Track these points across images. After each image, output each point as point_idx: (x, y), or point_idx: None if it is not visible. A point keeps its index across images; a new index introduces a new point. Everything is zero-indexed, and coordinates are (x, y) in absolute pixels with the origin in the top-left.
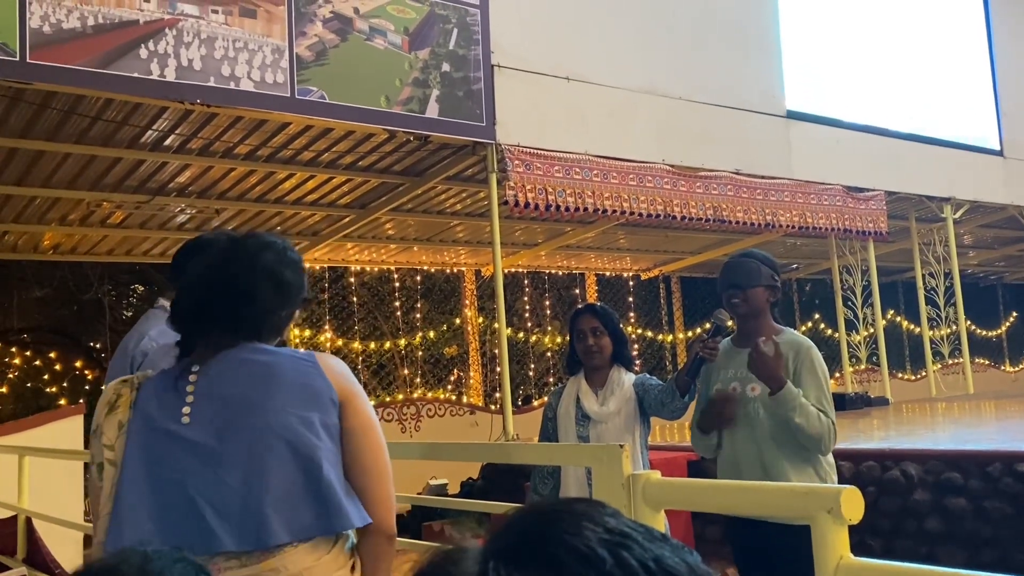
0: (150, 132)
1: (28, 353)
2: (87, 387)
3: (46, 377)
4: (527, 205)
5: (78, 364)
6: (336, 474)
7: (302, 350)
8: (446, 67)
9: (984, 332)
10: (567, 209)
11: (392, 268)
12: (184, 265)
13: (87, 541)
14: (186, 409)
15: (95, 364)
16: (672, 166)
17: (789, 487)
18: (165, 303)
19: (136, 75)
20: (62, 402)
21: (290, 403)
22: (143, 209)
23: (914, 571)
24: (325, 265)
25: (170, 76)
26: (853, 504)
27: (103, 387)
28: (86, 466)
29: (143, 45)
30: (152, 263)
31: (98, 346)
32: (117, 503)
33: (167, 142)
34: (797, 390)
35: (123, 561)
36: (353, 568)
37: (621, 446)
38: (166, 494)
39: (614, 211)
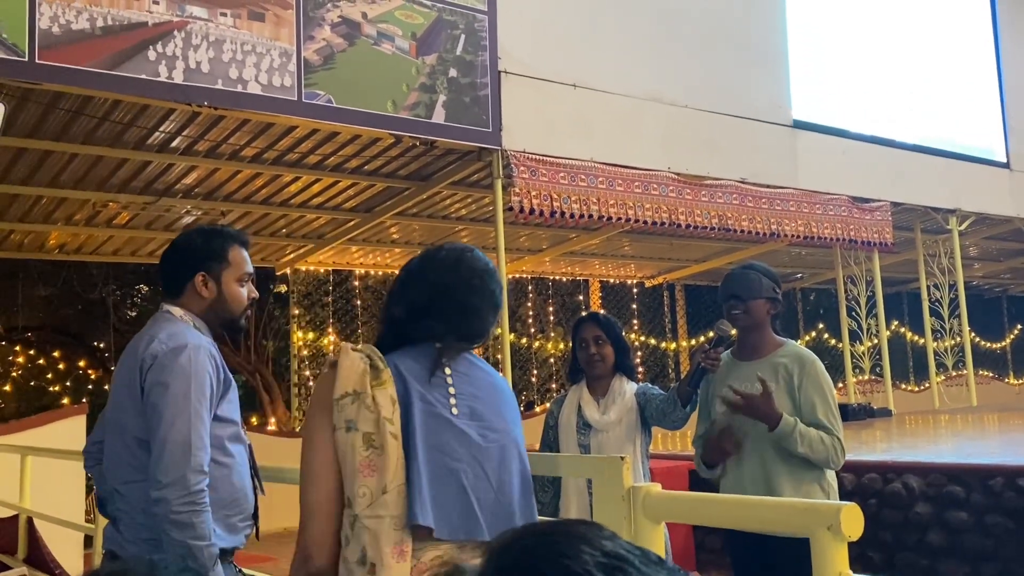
0: (157, 133)
1: (32, 352)
2: (90, 387)
3: (49, 376)
4: (532, 211)
5: (81, 364)
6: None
7: None
8: (453, 72)
9: (988, 344)
10: (572, 216)
11: (397, 272)
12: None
13: (87, 541)
14: (453, 400)
15: (98, 364)
16: (678, 174)
17: (789, 503)
18: (171, 308)
19: (144, 77)
20: (65, 401)
21: (515, 417)
22: (149, 210)
23: None
24: (330, 268)
25: (178, 78)
26: (853, 521)
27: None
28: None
29: (152, 47)
30: (157, 264)
31: (102, 346)
32: (412, 483)
33: (174, 144)
34: (794, 420)
35: (131, 568)
36: None
37: (622, 458)
38: (444, 478)
39: (619, 218)
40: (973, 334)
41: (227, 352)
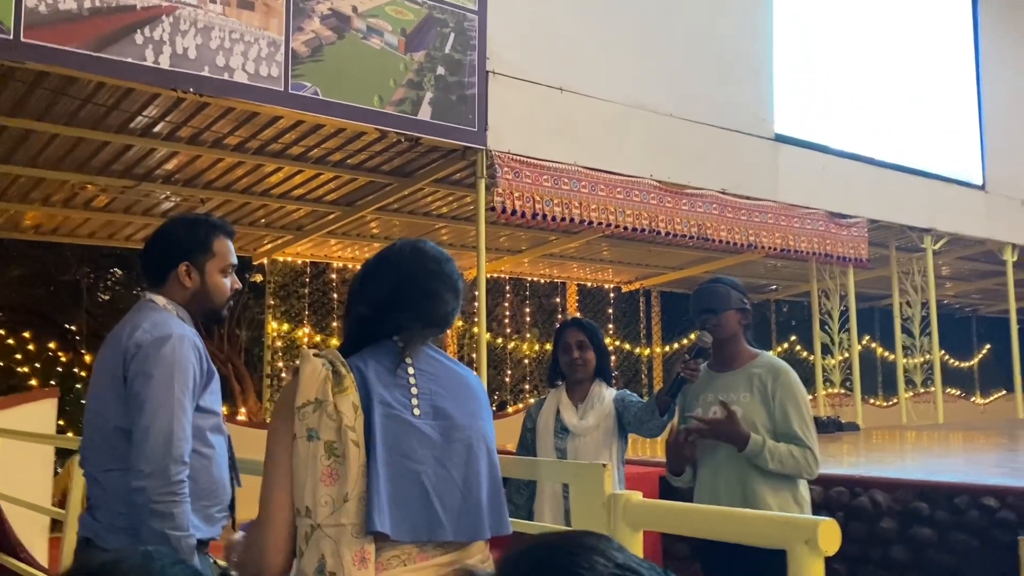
0: (140, 118)
1: (2, 332)
2: (59, 369)
3: (18, 356)
4: (514, 212)
5: (52, 345)
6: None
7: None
8: (441, 70)
9: (957, 363)
10: (554, 219)
11: None
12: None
13: (55, 525)
14: (414, 401)
15: (69, 346)
16: (659, 182)
17: (769, 516)
18: (154, 297)
19: (130, 60)
20: (33, 383)
21: (483, 413)
22: (128, 194)
23: None
24: (307, 260)
25: (164, 63)
26: (830, 536)
27: (80, 372)
28: (271, 437)
29: (139, 31)
30: (134, 248)
31: (73, 328)
32: (371, 489)
33: (156, 129)
34: (762, 439)
35: (125, 558)
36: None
37: (604, 465)
38: (404, 481)
39: (600, 223)
40: (943, 352)
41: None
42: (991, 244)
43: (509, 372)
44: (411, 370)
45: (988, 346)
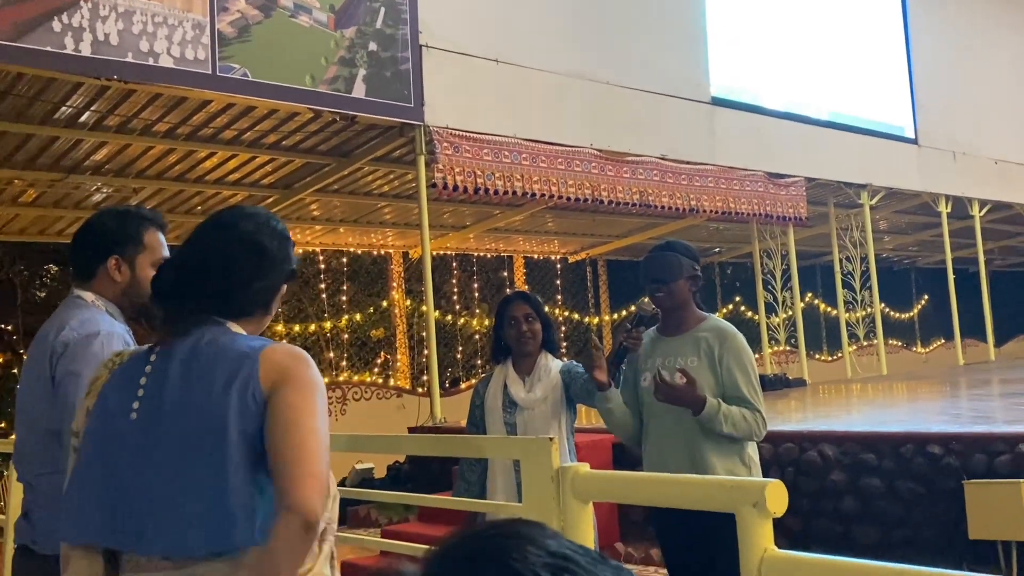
0: (64, 108)
1: None
2: None
3: None
4: (456, 188)
5: None
6: (247, 488)
7: (263, 340)
8: (373, 46)
9: (897, 315)
10: (496, 192)
11: (317, 250)
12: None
13: None
14: (136, 404)
15: (6, 347)
16: (600, 151)
17: (716, 481)
18: (82, 294)
19: (49, 49)
20: None
21: (221, 405)
22: (57, 187)
23: (834, 564)
24: None
25: (85, 51)
26: (777, 498)
27: (18, 373)
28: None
29: (56, 17)
30: (67, 243)
31: (9, 328)
32: (67, 498)
33: (82, 119)
34: (717, 402)
35: None
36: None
37: (551, 439)
38: (113, 493)
39: (543, 195)
40: (883, 305)
41: (143, 332)
42: (926, 196)
43: (460, 348)
44: (148, 368)
45: (927, 297)
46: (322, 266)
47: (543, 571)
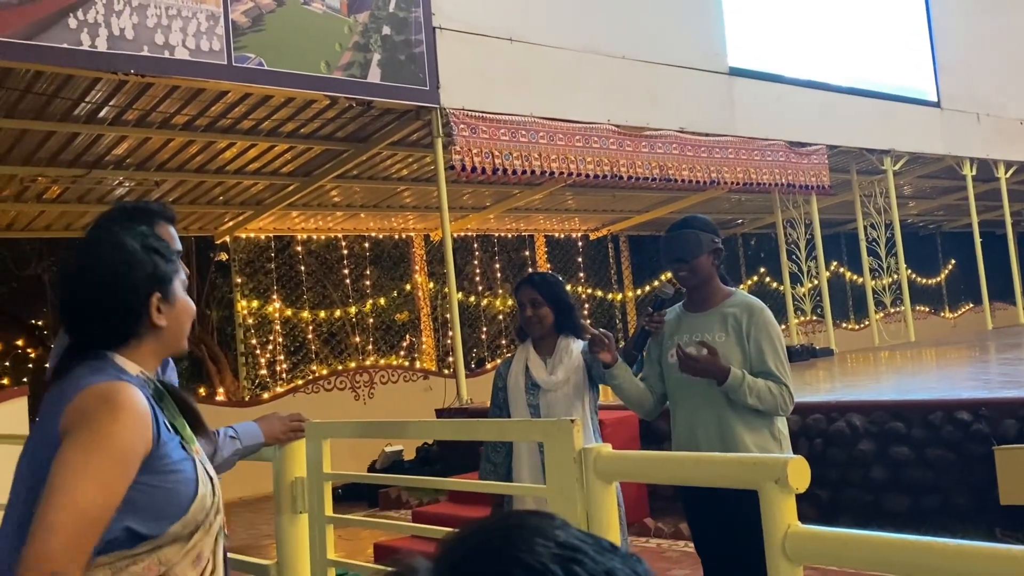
0: (83, 104)
1: None
2: (30, 365)
3: None
4: (474, 169)
5: (19, 343)
6: (19, 531)
7: (103, 377)
8: (387, 30)
9: (924, 280)
10: (514, 172)
11: (339, 236)
12: None
13: None
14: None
15: (37, 342)
16: (617, 126)
17: (736, 459)
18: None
19: (66, 46)
20: (4, 381)
21: (34, 458)
22: (80, 183)
23: (857, 538)
24: (271, 234)
25: (101, 46)
26: (799, 473)
27: (47, 366)
28: None
29: (72, 15)
30: None
31: (40, 323)
32: None
33: (101, 114)
34: (742, 373)
35: None
36: None
37: (572, 421)
38: None
39: (561, 172)
40: (909, 271)
41: None
42: (949, 160)
43: (484, 329)
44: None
45: (953, 261)
46: (345, 252)
47: (551, 562)
